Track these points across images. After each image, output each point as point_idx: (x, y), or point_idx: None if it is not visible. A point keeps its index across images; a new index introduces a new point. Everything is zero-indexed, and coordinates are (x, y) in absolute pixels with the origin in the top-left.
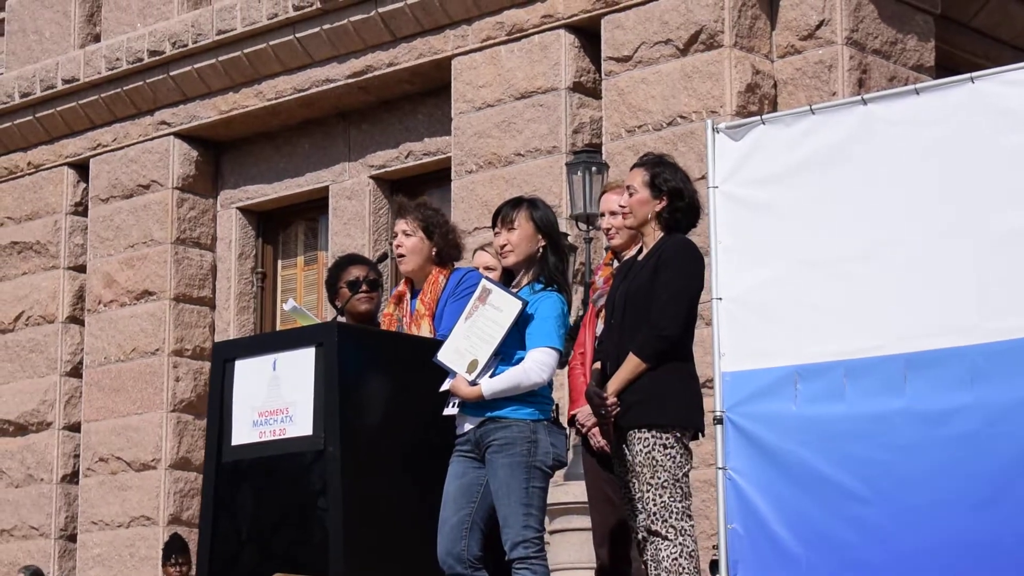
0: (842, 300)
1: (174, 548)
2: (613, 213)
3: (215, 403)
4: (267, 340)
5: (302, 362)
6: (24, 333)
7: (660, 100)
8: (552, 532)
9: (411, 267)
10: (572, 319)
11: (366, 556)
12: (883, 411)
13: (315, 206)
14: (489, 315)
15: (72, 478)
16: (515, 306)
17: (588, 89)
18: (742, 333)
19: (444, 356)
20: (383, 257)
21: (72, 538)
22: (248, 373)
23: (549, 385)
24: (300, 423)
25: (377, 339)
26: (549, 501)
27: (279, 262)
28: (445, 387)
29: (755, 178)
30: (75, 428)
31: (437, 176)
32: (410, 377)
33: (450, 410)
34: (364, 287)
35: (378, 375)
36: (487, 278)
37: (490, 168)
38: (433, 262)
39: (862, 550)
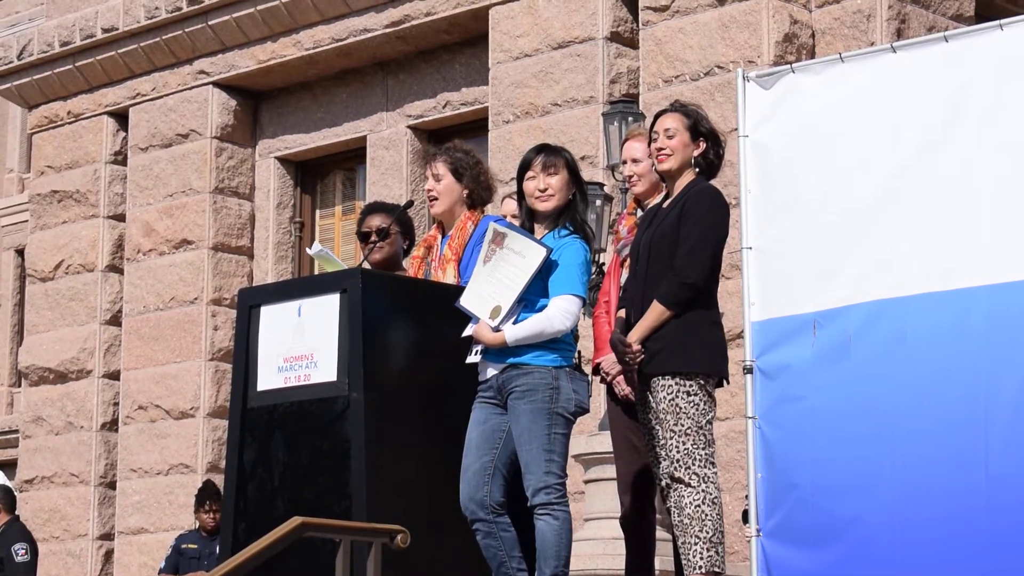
0: (863, 247)
1: (207, 494)
2: (636, 160)
3: (240, 348)
4: (292, 286)
5: (327, 308)
6: (64, 281)
7: (697, 50)
8: (587, 482)
9: (441, 209)
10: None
11: (389, 502)
12: (898, 355)
13: (353, 156)
14: (512, 260)
15: (111, 426)
16: (539, 253)
17: (625, 39)
18: (769, 282)
19: (466, 302)
20: (409, 204)
21: (112, 485)
22: (273, 319)
23: (572, 332)
24: (324, 369)
25: (401, 286)
26: (584, 451)
27: (317, 212)
28: (467, 333)
29: (784, 127)
30: (114, 376)
31: (474, 126)
32: (434, 323)
33: (472, 358)
34: (373, 238)
35: (402, 321)
36: (505, 222)
37: (527, 118)
38: (465, 204)
39: (873, 500)
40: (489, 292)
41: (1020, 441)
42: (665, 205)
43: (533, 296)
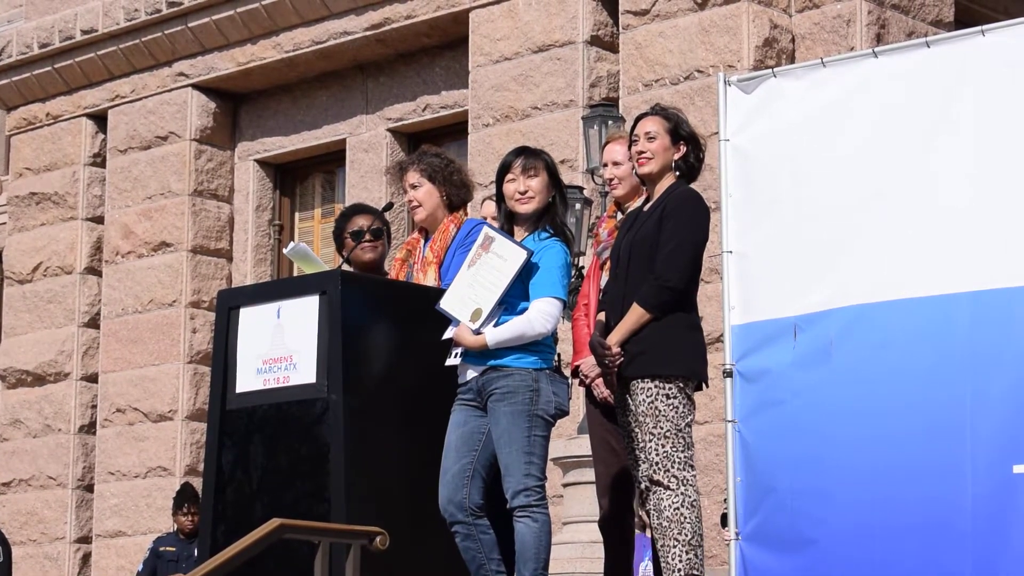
0: (845, 251)
1: (186, 497)
2: (616, 163)
3: (219, 350)
4: (271, 288)
5: (306, 310)
6: (42, 284)
7: (677, 54)
8: (565, 485)
9: (424, 215)
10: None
11: (368, 504)
12: (879, 360)
13: (332, 158)
14: (493, 263)
15: (89, 428)
16: (520, 255)
17: (605, 43)
18: (749, 286)
19: (447, 304)
20: (389, 206)
21: (89, 488)
22: (252, 321)
23: (552, 335)
24: (303, 371)
25: (381, 288)
26: (563, 455)
27: (296, 214)
28: (448, 335)
29: (765, 131)
30: (92, 379)
31: (454, 129)
32: (414, 326)
33: (452, 360)
34: (368, 236)
35: (382, 324)
36: (490, 226)
37: (507, 121)
38: (445, 207)
39: (853, 504)
40: (470, 295)
41: (1006, 446)
42: (646, 208)
43: (513, 299)
